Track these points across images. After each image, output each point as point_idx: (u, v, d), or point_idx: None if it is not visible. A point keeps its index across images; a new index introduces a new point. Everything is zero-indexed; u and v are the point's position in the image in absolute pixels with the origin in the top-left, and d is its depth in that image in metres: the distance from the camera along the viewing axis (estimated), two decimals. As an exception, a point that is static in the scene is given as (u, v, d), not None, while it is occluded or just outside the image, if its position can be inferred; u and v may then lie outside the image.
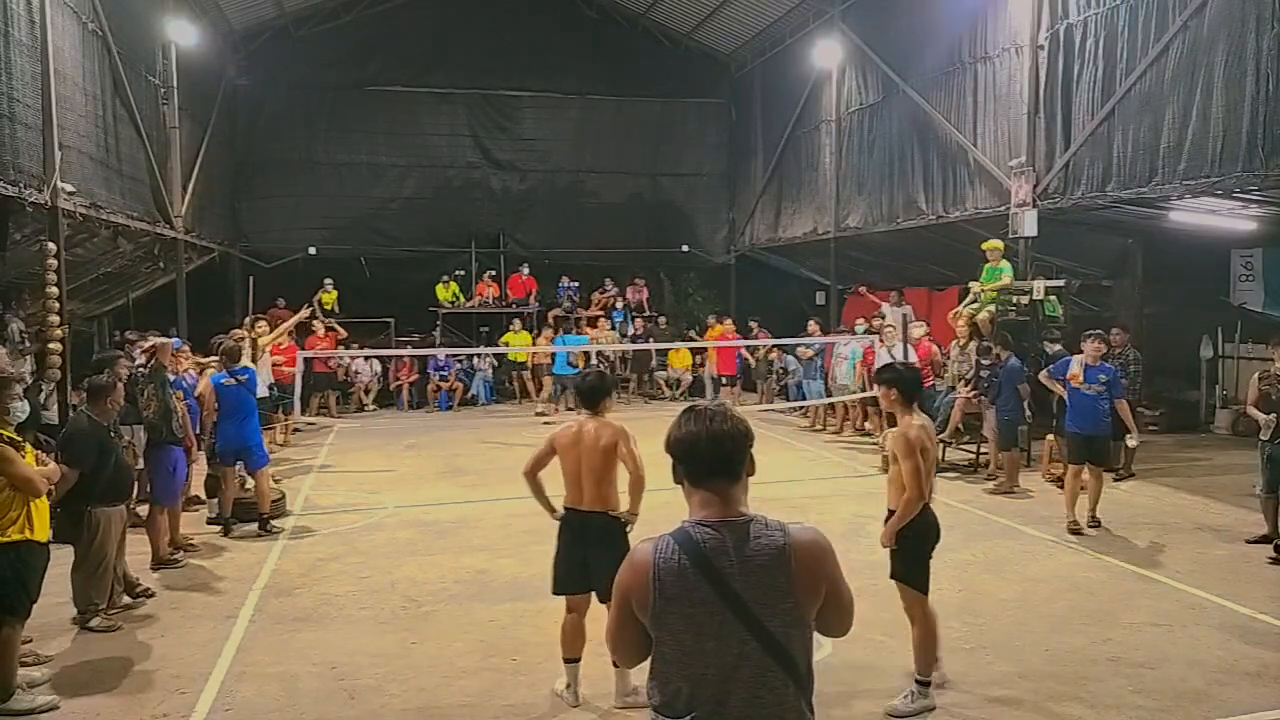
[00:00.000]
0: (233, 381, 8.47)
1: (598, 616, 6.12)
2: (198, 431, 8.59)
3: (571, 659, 4.92)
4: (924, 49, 14.08)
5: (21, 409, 5.37)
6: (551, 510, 5.02)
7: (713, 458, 2.23)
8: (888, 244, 16.06)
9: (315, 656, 5.54)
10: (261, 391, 11.05)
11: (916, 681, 4.82)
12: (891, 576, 4.97)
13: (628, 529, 4.86)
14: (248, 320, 12.46)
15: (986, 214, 12.66)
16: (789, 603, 2.15)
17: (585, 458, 4.85)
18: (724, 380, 16.54)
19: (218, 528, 8.46)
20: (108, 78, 11.42)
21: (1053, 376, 8.85)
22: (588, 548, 4.81)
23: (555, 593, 4.99)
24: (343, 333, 16.23)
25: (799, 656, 2.18)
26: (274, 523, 8.50)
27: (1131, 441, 8.86)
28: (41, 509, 5.00)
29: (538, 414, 15.73)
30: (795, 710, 2.19)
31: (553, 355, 16.28)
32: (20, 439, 5.13)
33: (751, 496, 2.33)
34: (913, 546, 4.93)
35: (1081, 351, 8.50)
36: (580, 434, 4.89)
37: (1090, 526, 8.28)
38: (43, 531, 4.99)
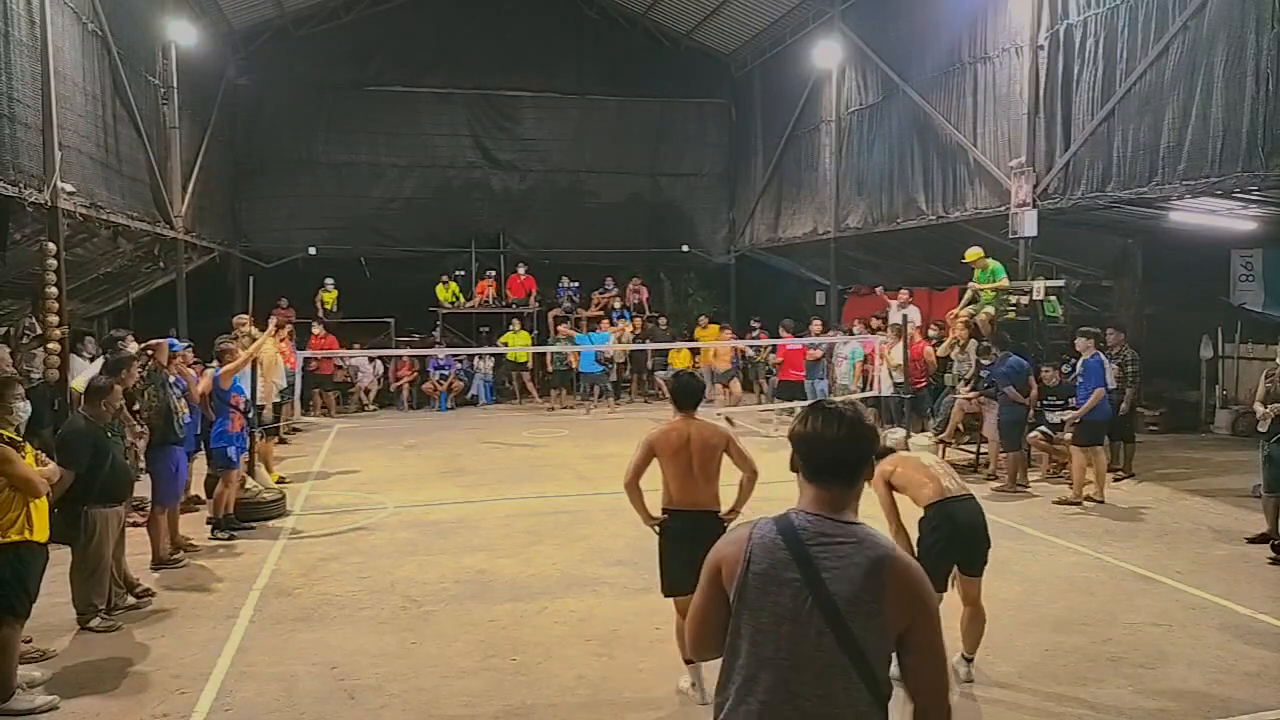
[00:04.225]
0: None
1: (601, 615, 6.13)
2: (197, 432, 8.55)
3: (692, 660, 4.85)
4: (924, 49, 14.08)
5: (24, 408, 5.35)
6: (651, 520, 4.99)
7: (832, 459, 2.21)
8: (888, 244, 16.05)
9: (315, 656, 5.54)
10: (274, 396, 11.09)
11: None
12: None
13: (728, 526, 4.85)
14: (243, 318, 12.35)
15: (986, 214, 12.66)
16: (874, 607, 2.08)
17: (697, 458, 4.86)
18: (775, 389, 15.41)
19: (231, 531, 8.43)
20: (108, 78, 11.42)
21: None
22: (697, 547, 4.79)
23: (667, 594, 4.97)
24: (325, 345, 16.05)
25: (876, 665, 2.11)
26: (226, 531, 8.28)
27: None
28: (41, 509, 5.00)
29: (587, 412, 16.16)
30: (873, 714, 2.11)
31: (574, 354, 16.54)
32: (20, 439, 5.12)
33: (753, 497, 2.35)
34: (922, 541, 5.01)
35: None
36: (687, 436, 4.88)
37: (1089, 500, 8.94)
38: (42, 532, 4.99)
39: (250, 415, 8.67)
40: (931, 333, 12.80)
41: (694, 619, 2.33)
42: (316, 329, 16.13)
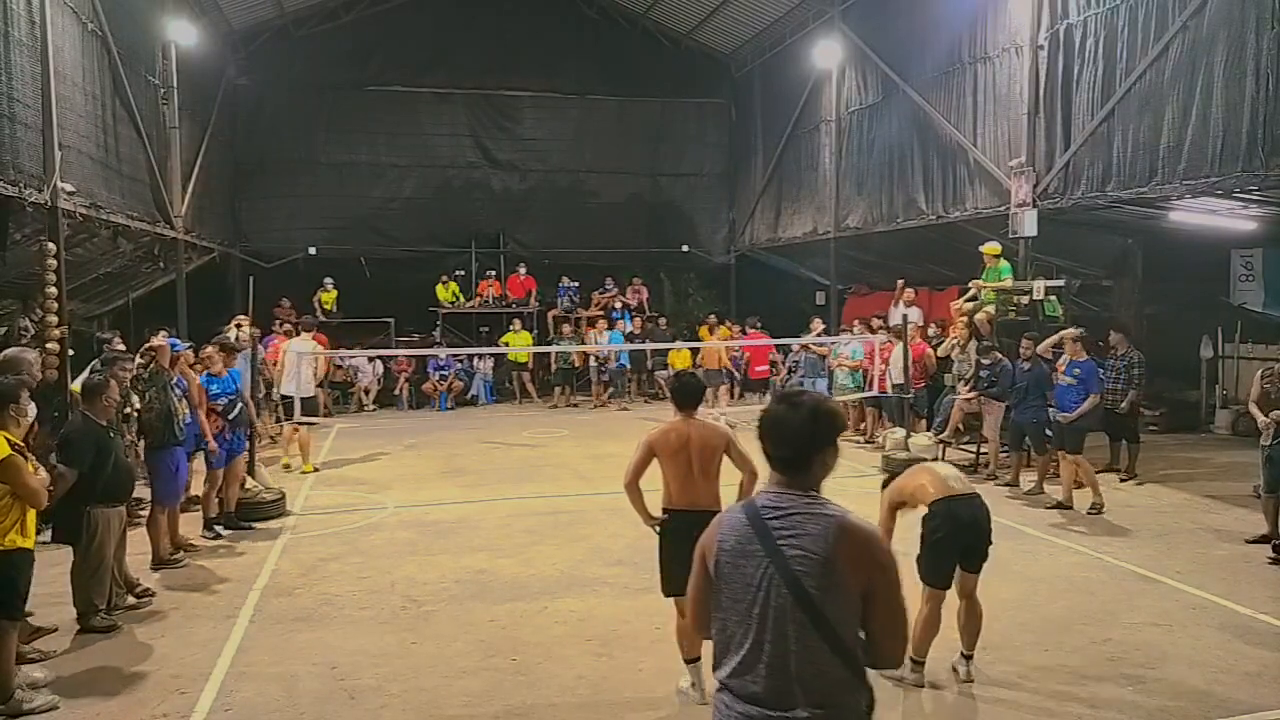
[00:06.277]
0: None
1: (601, 615, 6.13)
2: (198, 432, 8.54)
3: (692, 659, 4.88)
4: (924, 49, 14.08)
5: (31, 410, 5.34)
6: (651, 520, 4.99)
7: (778, 452, 2.41)
8: (888, 244, 16.05)
9: (315, 656, 5.54)
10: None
11: (910, 659, 5.02)
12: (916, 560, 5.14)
13: None
14: (242, 318, 12.47)
15: (986, 214, 12.66)
16: (828, 569, 2.25)
17: (697, 459, 4.86)
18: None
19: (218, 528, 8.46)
20: (108, 77, 11.41)
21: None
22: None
23: (667, 594, 4.95)
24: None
25: (839, 625, 2.27)
26: (211, 530, 8.33)
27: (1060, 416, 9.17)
28: (33, 515, 4.97)
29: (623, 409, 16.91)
30: (836, 672, 2.27)
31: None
32: (24, 444, 5.10)
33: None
34: (925, 537, 5.03)
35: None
36: (688, 436, 4.87)
37: (1054, 507, 8.89)
38: (31, 538, 4.95)
39: (234, 416, 8.56)
40: (931, 331, 12.80)
41: (691, 600, 2.61)
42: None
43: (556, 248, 20.67)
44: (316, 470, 11.27)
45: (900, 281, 14.77)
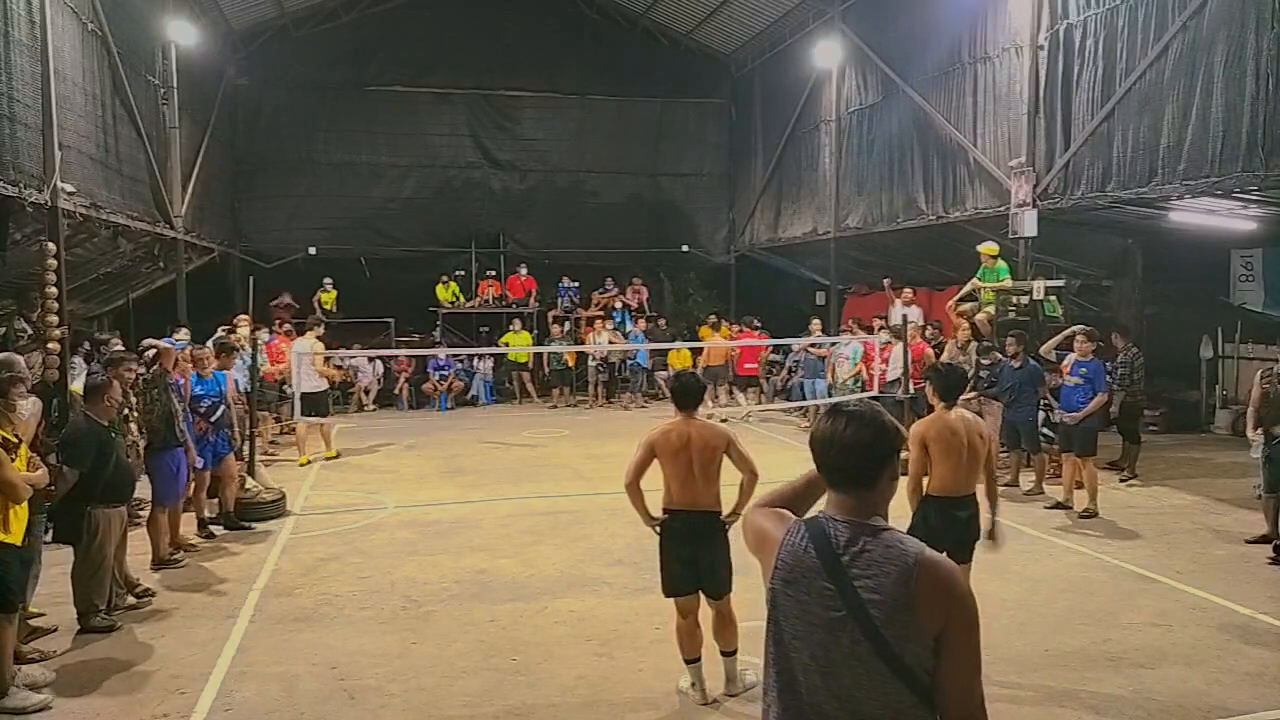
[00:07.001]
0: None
1: (601, 615, 6.13)
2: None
3: (692, 659, 4.89)
4: (924, 49, 14.08)
5: (28, 406, 5.33)
6: (651, 520, 4.97)
7: (841, 467, 2.20)
8: (888, 244, 16.05)
9: (315, 656, 5.54)
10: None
11: None
12: None
13: (728, 528, 4.86)
14: (242, 318, 12.51)
15: (986, 214, 12.66)
16: (907, 614, 2.05)
17: (697, 460, 4.85)
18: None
19: (218, 528, 8.47)
20: (108, 78, 11.41)
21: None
22: (698, 548, 4.82)
23: (667, 595, 4.93)
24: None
25: (916, 667, 2.07)
26: (205, 530, 8.38)
27: (1057, 418, 9.22)
28: (20, 513, 4.91)
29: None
30: (917, 713, 2.07)
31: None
32: (17, 440, 5.10)
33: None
34: (918, 527, 5.05)
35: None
36: (688, 437, 4.87)
37: (1054, 507, 8.88)
38: (18, 534, 4.89)
39: (216, 418, 8.52)
40: (929, 333, 12.79)
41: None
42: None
43: (556, 248, 20.69)
44: (310, 463, 11.48)
45: (886, 280, 14.80)
